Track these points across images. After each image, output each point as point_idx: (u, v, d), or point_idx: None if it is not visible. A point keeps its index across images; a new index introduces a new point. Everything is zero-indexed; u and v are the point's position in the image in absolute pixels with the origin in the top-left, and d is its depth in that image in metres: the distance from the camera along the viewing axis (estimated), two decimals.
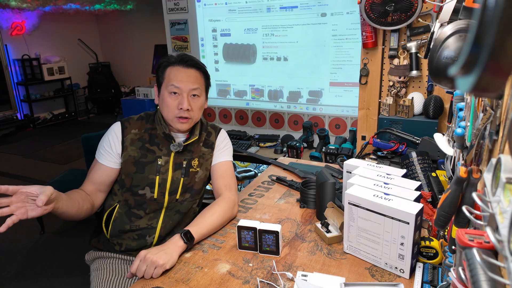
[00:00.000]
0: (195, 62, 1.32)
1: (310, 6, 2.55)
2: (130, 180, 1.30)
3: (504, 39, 0.26)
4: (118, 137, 1.31)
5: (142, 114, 1.39)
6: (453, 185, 0.64)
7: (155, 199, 1.30)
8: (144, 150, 1.31)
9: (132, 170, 1.29)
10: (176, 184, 1.32)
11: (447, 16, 0.90)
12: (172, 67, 1.29)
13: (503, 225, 0.40)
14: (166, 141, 1.33)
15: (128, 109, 3.70)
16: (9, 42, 5.98)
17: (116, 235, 1.31)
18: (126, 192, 1.31)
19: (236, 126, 3.07)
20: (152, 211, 1.31)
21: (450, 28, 0.82)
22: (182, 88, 1.28)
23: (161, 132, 1.32)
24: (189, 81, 1.29)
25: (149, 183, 1.30)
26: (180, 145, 1.32)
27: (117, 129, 1.33)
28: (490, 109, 0.59)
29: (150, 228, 1.30)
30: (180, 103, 1.27)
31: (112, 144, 1.30)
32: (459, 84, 0.31)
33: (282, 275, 0.99)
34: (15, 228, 1.08)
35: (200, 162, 1.37)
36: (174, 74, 1.28)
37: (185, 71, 1.29)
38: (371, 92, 1.94)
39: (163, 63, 1.32)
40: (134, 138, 1.32)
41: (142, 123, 1.36)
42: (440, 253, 0.97)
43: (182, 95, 1.28)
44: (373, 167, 1.18)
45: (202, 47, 3.03)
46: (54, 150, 5.12)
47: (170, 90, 1.28)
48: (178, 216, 1.34)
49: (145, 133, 1.33)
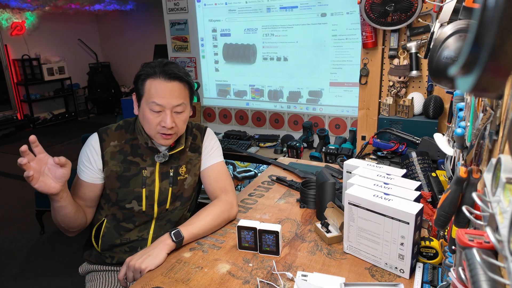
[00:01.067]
0: (177, 74, 1.17)
1: (310, 6, 2.55)
2: (115, 195, 1.23)
3: (504, 39, 0.26)
4: (97, 152, 1.22)
5: (121, 123, 1.28)
6: (453, 185, 0.64)
7: (144, 212, 1.25)
8: (127, 163, 1.23)
9: (116, 185, 1.22)
10: (165, 194, 1.26)
11: (447, 16, 0.90)
12: (153, 79, 1.15)
13: (503, 225, 0.40)
14: (150, 151, 1.25)
15: (128, 109, 3.69)
16: (9, 42, 5.98)
17: (107, 249, 1.28)
18: (113, 206, 1.26)
19: (236, 126, 3.07)
20: (142, 223, 1.27)
21: (450, 28, 0.82)
22: (165, 105, 1.15)
23: (144, 143, 1.24)
24: (172, 97, 1.16)
25: (135, 197, 1.23)
26: (165, 156, 1.24)
27: (95, 143, 1.22)
28: (490, 109, 0.59)
29: (141, 239, 1.27)
30: (163, 120, 1.16)
31: (92, 159, 1.21)
32: (459, 84, 0.31)
33: (282, 275, 0.99)
34: (15, 228, 1.08)
35: (187, 168, 1.30)
36: (155, 89, 1.15)
37: (167, 85, 1.15)
38: (371, 92, 1.94)
39: (142, 74, 1.18)
40: (114, 151, 1.22)
41: (122, 133, 1.25)
42: (440, 253, 0.97)
43: (165, 112, 1.16)
44: (373, 167, 1.18)
45: (202, 47, 3.03)
46: (54, 150, 5.12)
47: (151, 108, 1.15)
48: (169, 226, 1.29)
49: (126, 144, 1.24)
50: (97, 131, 1.26)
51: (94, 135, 1.25)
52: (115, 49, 7.34)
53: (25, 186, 3.92)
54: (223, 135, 2.94)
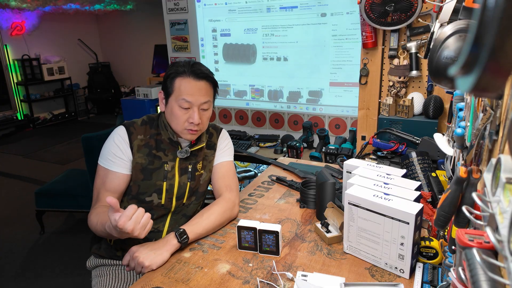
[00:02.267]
0: (206, 73, 1.26)
1: (310, 6, 2.55)
2: (137, 187, 1.27)
3: (504, 39, 0.26)
4: (126, 143, 1.26)
5: (145, 118, 1.34)
6: (453, 185, 0.64)
7: (163, 205, 1.29)
8: (151, 157, 1.28)
9: (140, 178, 1.26)
10: (183, 189, 1.31)
11: (447, 16, 0.90)
12: (183, 78, 1.23)
13: (503, 225, 0.40)
14: (172, 147, 1.30)
15: (128, 109, 3.69)
16: (9, 42, 5.98)
17: (121, 242, 1.27)
18: (132, 200, 1.28)
19: (236, 126, 3.07)
20: (159, 216, 1.29)
21: (450, 28, 0.82)
22: (193, 102, 1.23)
23: (167, 138, 1.29)
24: (200, 94, 1.24)
25: (156, 189, 1.27)
26: (187, 152, 1.30)
27: (123, 134, 1.27)
28: (490, 109, 0.59)
29: (156, 232, 1.29)
30: (191, 117, 1.23)
31: (122, 149, 1.25)
32: (459, 84, 0.31)
33: (282, 275, 0.99)
34: (15, 228, 1.08)
35: (204, 165, 1.36)
36: (185, 87, 1.23)
37: (196, 84, 1.23)
38: (371, 92, 1.94)
39: (172, 73, 1.25)
40: (140, 144, 1.27)
41: (147, 128, 1.31)
42: (440, 253, 0.97)
43: (193, 108, 1.23)
44: (373, 167, 1.18)
45: (202, 47, 3.03)
46: (54, 150, 5.12)
47: (180, 104, 1.23)
48: (184, 220, 1.31)
49: (151, 139, 1.29)
50: (123, 124, 1.29)
51: (120, 128, 1.28)
52: (115, 49, 7.34)
53: (25, 186, 3.92)
54: None
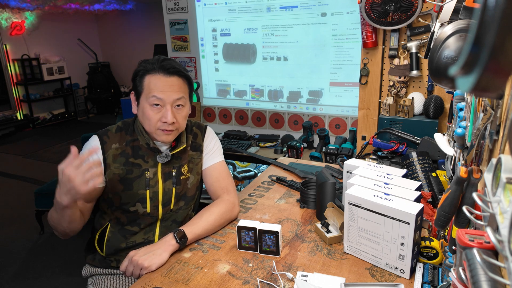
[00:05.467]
0: (176, 68, 1.18)
1: (310, 6, 2.55)
2: (119, 198, 1.21)
3: (504, 39, 0.26)
4: (98, 155, 1.19)
5: (120, 124, 1.26)
6: (453, 185, 0.64)
7: (149, 213, 1.23)
8: (129, 166, 1.21)
9: (119, 188, 1.20)
10: (169, 195, 1.25)
11: (447, 16, 0.90)
12: (152, 75, 1.16)
13: (504, 225, 0.40)
14: (151, 152, 1.23)
15: (128, 109, 3.70)
16: (8, 42, 5.98)
17: (113, 253, 1.25)
18: (116, 210, 1.24)
19: (236, 126, 3.07)
20: (147, 225, 1.25)
21: (450, 28, 0.82)
22: (165, 99, 1.15)
23: (145, 144, 1.22)
24: (172, 90, 1.16)
25: (139, 199, 1.21)
26: (168, 156, 1.23)
27: (96, 146, 1.20)
28: (491, 109, 0.59)
29: (147, 242, 1.24)
30: (164, 116, 1.16)
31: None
32: (459, 84, 0.31)
33: (282, 276, 0.99)
34: (15, 228, 1.08)
35: (190, 167, 1.29)
36: (155, 84, 1.15)
37: (167, 80, 1.16)
38: (371, 92, 1.94)
39: (140, 70, 1.18)
40: (116, 153, 1.21)
41: (122, 134, 1.24)
42: (441, 253, 0.97)
43: (166, 106, 1.16)
44: (373, 167, 1.18)
45: (202, 47, 3.03)
46: (53, 150, 5.12)
47: (151, 102, 1.15)
48: (175, 226, 1.27)
49: (127, 147, 1.22)
50: (97, 134, 1.23)
51: (94, 138, 1.22)
52: (115, 49, 7.34)
53: (25, 186, 3.92)
54: (223, 135, 2.94)
